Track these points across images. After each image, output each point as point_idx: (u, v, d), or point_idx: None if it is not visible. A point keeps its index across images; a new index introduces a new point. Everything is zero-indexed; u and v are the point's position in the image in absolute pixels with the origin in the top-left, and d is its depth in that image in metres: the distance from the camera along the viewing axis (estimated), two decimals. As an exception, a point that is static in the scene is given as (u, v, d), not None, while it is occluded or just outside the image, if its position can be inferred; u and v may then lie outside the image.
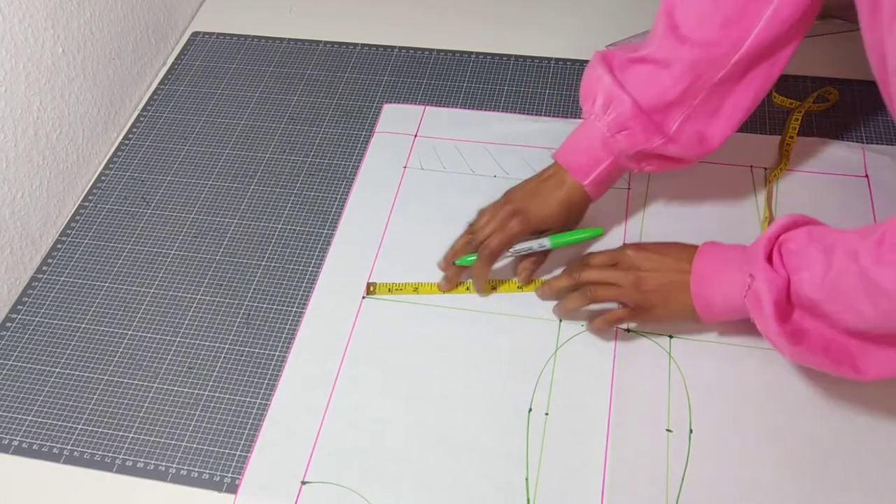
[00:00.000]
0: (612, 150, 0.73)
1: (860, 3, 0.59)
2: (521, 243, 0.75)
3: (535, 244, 0.75)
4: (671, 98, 0.70)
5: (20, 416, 0.73)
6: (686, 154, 0.72)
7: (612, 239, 0.80)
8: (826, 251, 0.58)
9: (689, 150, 0.72)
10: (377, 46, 1.05)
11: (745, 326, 0.67)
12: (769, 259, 0.62)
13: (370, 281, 0.80)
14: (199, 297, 0.80)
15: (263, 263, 0.83)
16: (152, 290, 0.81)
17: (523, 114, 0.95)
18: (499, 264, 0.77)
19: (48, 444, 0.71)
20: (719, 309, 0.67)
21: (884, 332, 0.57)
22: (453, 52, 1.03)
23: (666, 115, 0.71)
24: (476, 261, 0.75)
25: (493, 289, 0.78)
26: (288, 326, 0.77)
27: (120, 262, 0.84)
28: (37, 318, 0.80)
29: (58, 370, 0.76)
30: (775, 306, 0.60)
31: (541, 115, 0.94)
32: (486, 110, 0.96)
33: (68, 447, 0.71)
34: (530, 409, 0.70)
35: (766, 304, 0.60)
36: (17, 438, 0.71)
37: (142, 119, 0.99)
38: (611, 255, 0.72)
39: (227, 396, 0.73)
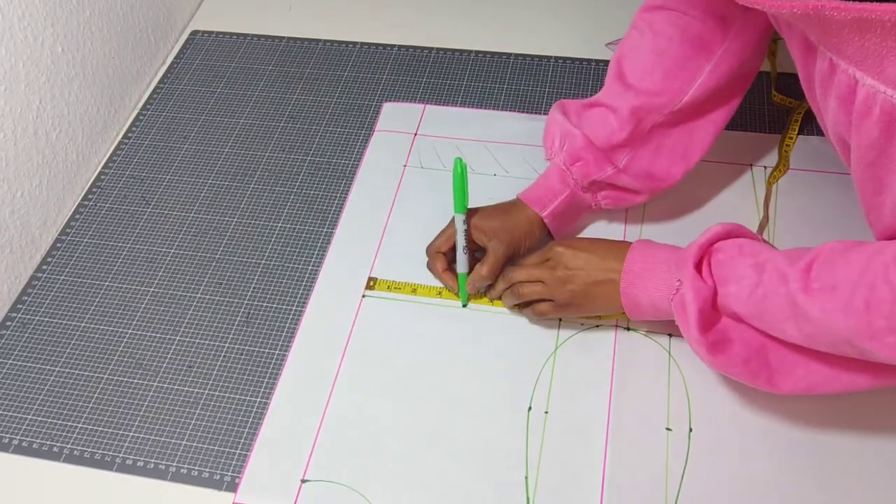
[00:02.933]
0: (568, 183, 0.76)
1: (797, 66, 0.59)
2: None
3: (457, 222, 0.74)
4: (618, 140, 0.74)
5: (20, 415, 0.73)
6: (638, 186, 0.76)
7: (613, 238, 0.80)
8: (756, 268, 0.59)
9: (639, 181, 0.75)
10: (377, 45, 1.05)
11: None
12: (698, 267, 0.63)
13: (371, 276, 0.80)
14: (198, 295, 0.80)
15: (263, 262, 0.83)
16: (152, 289, 0.81)
17: (523, 112, 0.95)
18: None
19: (48, 442, 0.71)
20: (645, 309, 0.68)
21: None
22: (453, 51, 1.03)
23: (614, 153, 0.75)
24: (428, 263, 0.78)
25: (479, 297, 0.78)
26: (288, 325, 0.77)
27: (120, 260, 0.84)
28: (36, 317, 0.80)
29: (58, 369, 0.76)
30: (699, 314, 0.61)
31: (540, 113, 0.94)
32: (485, 109, 0.96)
33: (68, 446, 0.71)
34: (530, 408, 0.70)
35: (690, 312, 0.61)
36: (18, 437, 0.72)
37: (141, 118, 0.99)
38: (542, 252, 0.73)
39: (226, 395, 0.73)
